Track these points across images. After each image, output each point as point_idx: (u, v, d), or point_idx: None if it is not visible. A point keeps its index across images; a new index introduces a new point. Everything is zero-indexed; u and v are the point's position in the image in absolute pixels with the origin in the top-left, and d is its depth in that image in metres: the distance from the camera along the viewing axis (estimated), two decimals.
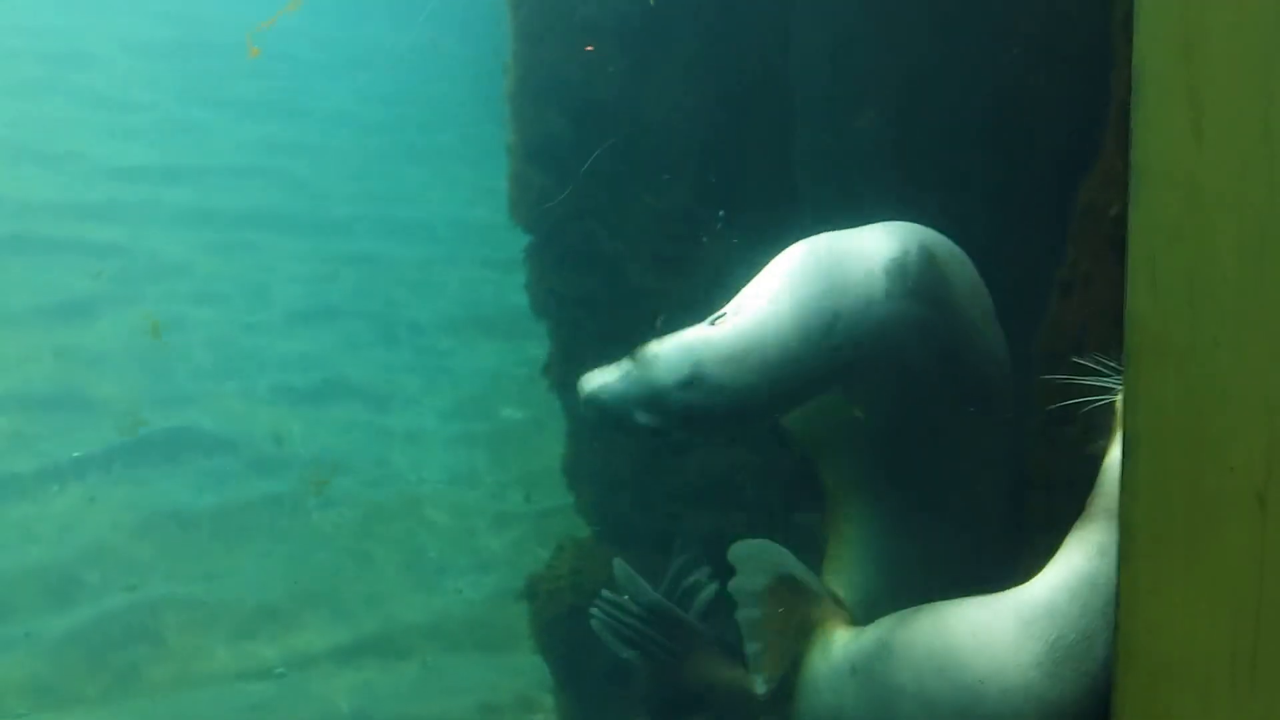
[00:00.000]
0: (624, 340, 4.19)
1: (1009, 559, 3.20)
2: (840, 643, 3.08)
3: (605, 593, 3.62)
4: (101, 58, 13.93)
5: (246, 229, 10.92)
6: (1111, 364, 2.68)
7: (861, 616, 3.19)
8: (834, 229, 3.33)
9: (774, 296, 2.97)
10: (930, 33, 3.36)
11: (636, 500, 4.43)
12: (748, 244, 3.33)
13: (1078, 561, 2.73)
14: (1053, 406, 2.90)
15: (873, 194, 3.71)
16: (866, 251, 3.01)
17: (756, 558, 3.30)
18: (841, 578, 3.35)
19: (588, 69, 4.26)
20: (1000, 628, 2.76)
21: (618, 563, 3.63)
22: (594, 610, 3.60)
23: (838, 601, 3.27)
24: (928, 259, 3.00)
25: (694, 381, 2.96)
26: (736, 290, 3.09)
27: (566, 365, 4.83)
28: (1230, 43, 2.17)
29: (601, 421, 3.09)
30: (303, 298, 9.98)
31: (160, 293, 9.48)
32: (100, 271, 9.23)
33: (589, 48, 3.63)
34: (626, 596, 3.58)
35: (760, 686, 3.18)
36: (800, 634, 3.17)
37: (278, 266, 10.39)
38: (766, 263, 3.08)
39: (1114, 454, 2.77)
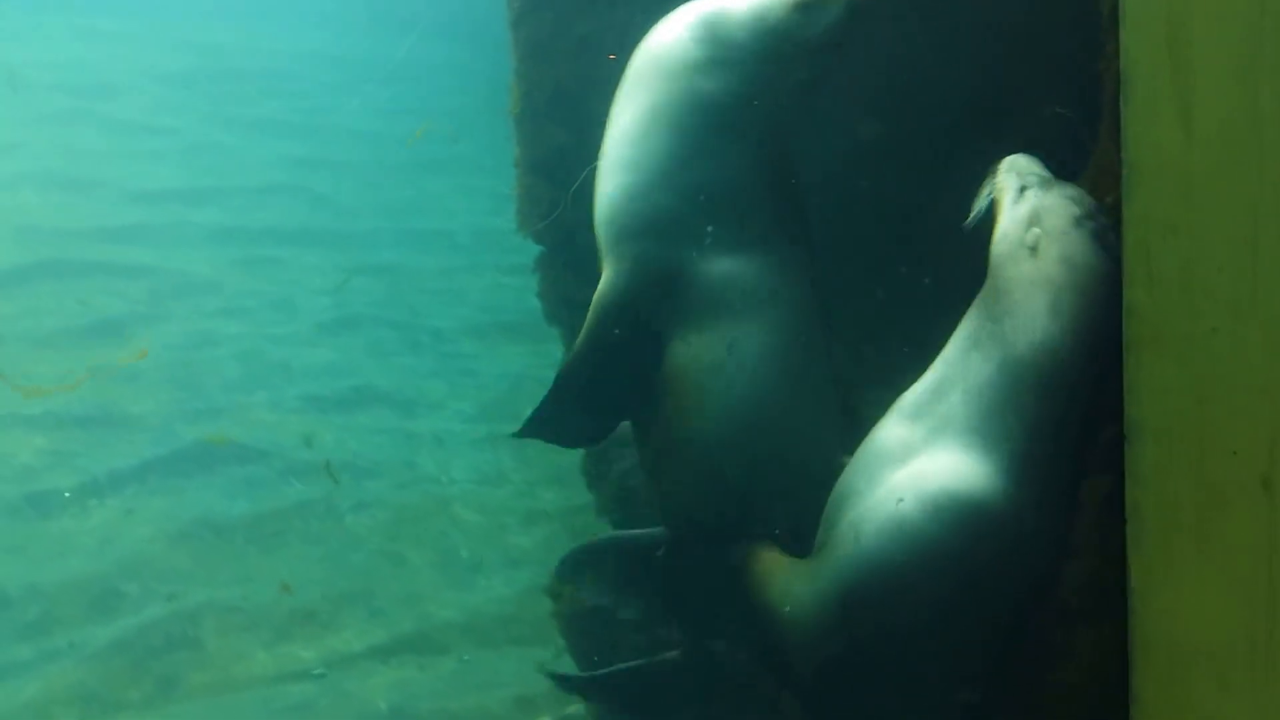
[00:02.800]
0: None
1: None
2: (798, 576, 3.00)
3: None
4: (126, 88, 14.01)
5: (271, 245, 10.96)
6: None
7: None
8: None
9: None
10: (920, 28, 3.32)
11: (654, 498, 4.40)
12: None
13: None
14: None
15: (869, 193, 3.68)
16: None
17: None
18: None
19: (589, 83, 4.25)
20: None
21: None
22: None
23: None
24: None
25: None
26: None
27: None
28: (1215, 38, 2.15)
29: None
30: (328, 309, 9.98)
31: (189, 310, 9.51)
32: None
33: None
34: None
35: None
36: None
37: (303, 280, 10.42)
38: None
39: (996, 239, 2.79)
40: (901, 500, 2.71)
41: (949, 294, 2.92)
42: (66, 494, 7.04)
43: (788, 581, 2.97)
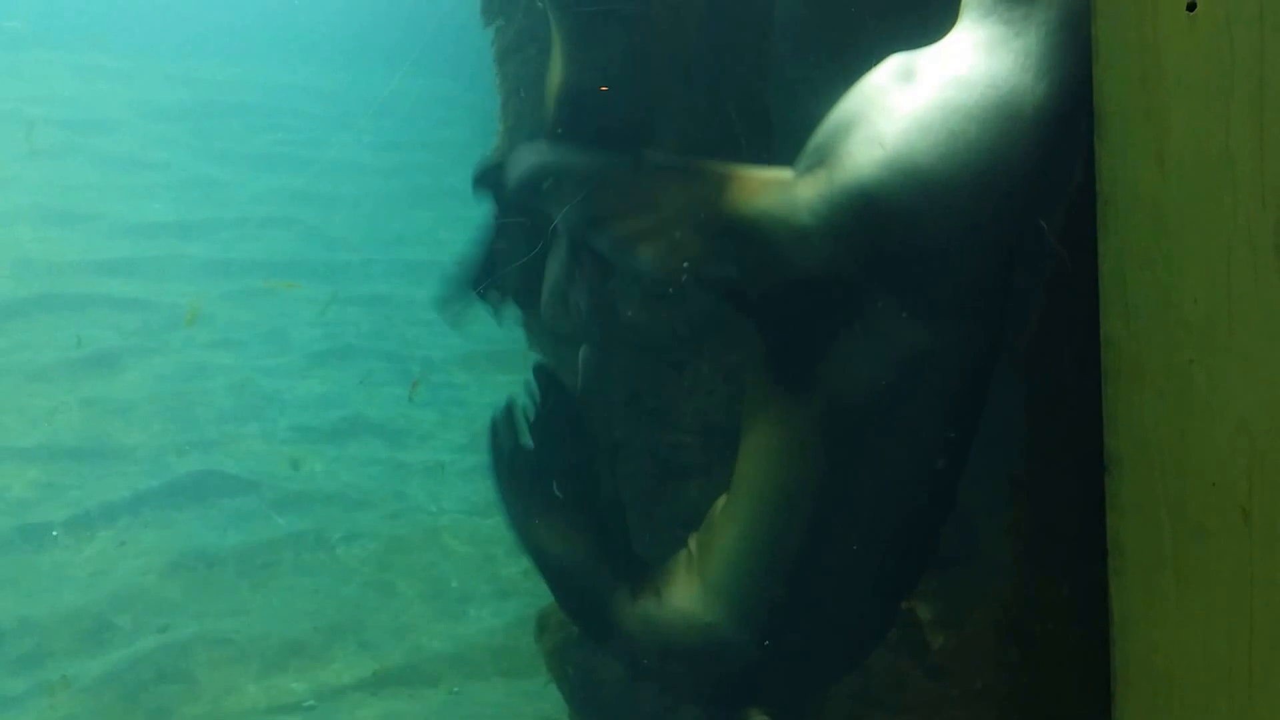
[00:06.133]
0: (619, 375, 4.18)
1: None
2: (801, 187, 2.79)
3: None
4: (120, 122, 14.08)
5: (263, 277, 10.98)
6: None
7: None
8: None
9: None
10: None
11: (639, 524, 4.38)
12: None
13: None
14: None
15: None
16: None
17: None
18: None
19: None
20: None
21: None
22: None
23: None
24: None
25: None
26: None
27: None
28: (1188, 74, 2.15)
29: None
30: (319, 340, 10.00)
31: (182, 342, 9.51)
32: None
33: (603, 88, 3.60)
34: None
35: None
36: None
37: (294, 312, 10.43)
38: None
39: None
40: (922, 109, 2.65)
41: None
42: (54, 532, 7.00)
43: (784, 192, 2.80)
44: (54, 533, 7.01)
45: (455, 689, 6.10)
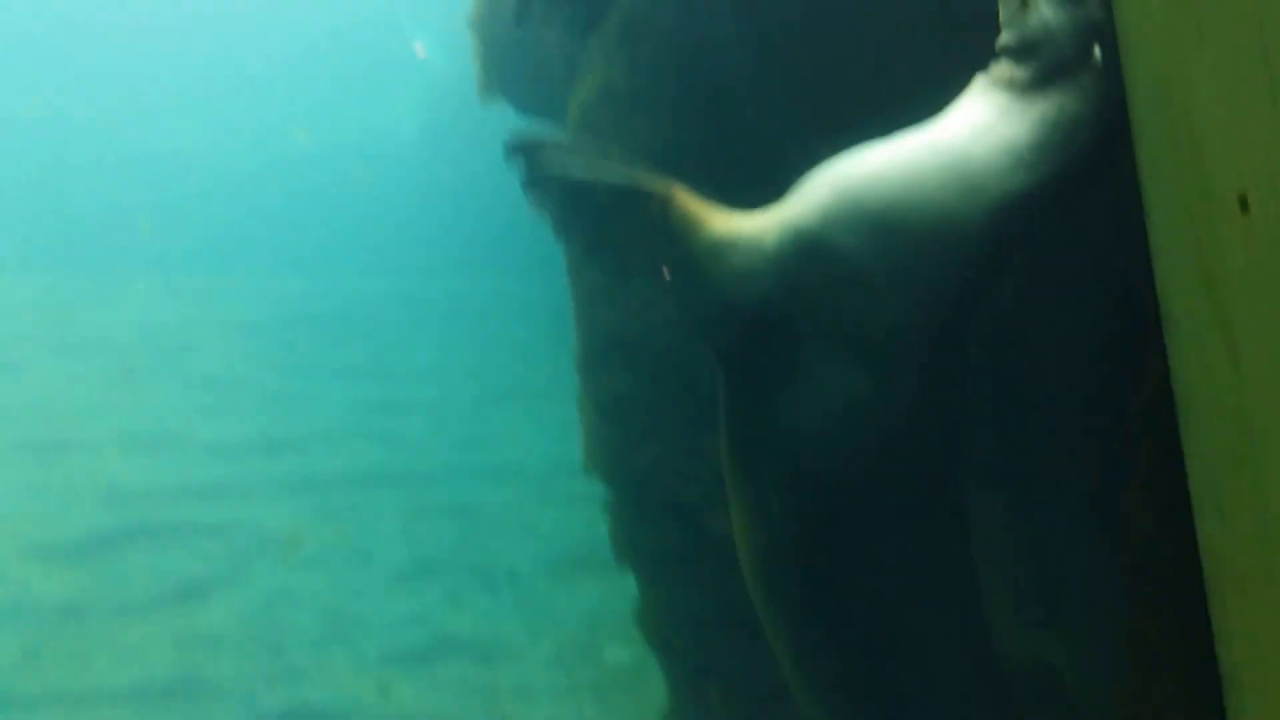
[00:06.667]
0: (709, 588, 4.13)
1: None
2: (752, 230, 2.84)
3: None
4: (205, 342, 14.43)
5: (346, 491, 11.06)
6: None
7: None
8: None
9: None
10: None
11: None
12: None
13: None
14: None
15: None
16: None
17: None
18: None
19: (646, 332, 4.29)
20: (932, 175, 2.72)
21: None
22: None
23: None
24: None
25: None
26: None
27: (656, 614, 4.75)
28: (1252, 272, 2.11)
29: None
30: (404, 556, 10.00)
31: (269, 566, 9.57)
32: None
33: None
34: None
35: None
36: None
37: (378, 526, 10.47)
38: None
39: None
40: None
41: None
42: None
43: (733, 230, 2.85)
44: None
45: None
